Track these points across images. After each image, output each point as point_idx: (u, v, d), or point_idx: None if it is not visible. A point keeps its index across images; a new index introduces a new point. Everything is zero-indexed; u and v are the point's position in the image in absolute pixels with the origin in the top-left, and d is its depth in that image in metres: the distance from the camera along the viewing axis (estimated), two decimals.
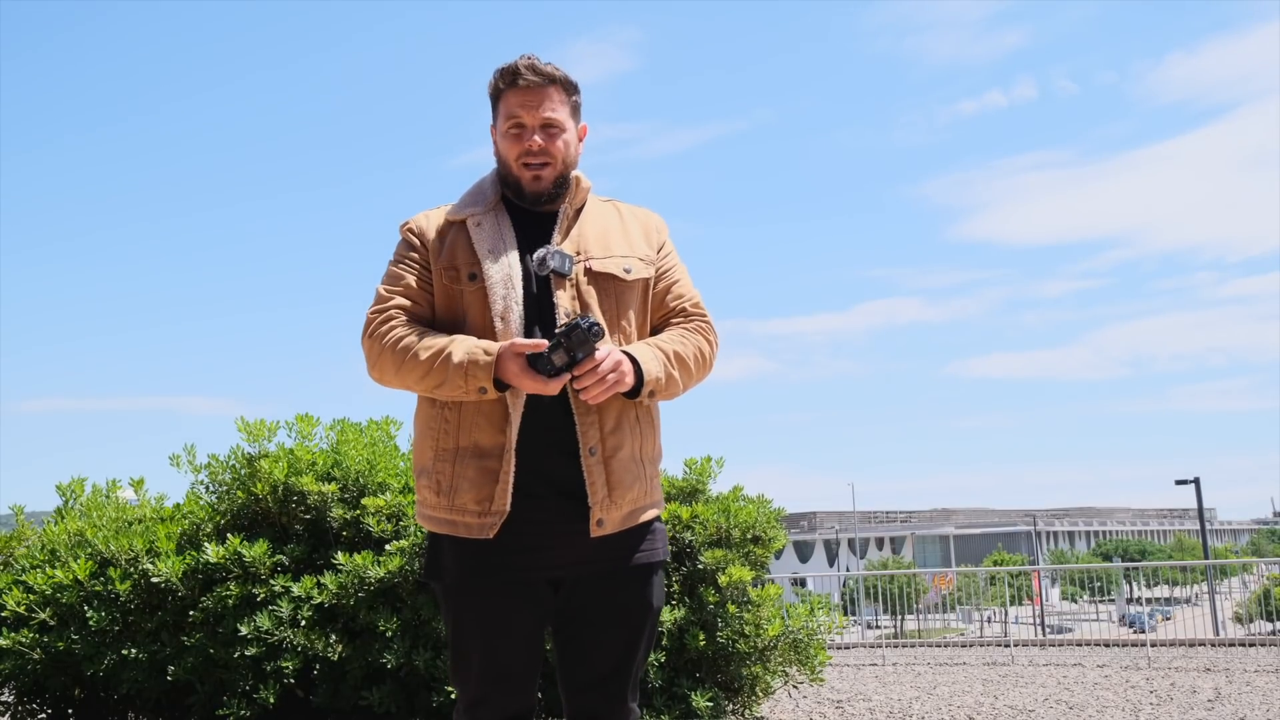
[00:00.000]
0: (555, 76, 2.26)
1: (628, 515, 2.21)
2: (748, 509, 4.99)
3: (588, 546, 2.17)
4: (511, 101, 2.25)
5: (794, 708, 6.42)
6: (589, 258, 2.24)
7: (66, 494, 5.37)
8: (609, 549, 2.20)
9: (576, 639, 2.25)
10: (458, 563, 2.20)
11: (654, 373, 2.16)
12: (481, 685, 2.21)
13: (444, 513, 2.19)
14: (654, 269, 2.33)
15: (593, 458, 2.15)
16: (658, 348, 2.22)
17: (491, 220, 2.26)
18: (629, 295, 2.27)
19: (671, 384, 2.21)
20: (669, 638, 4.57)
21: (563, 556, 2.18)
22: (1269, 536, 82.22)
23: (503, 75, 2.26)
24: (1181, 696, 7.02)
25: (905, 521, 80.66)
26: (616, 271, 2.25)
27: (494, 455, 2.15)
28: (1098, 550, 71.66)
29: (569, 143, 2.28)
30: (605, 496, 2.16)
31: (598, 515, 2.15)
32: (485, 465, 2.15)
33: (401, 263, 2.30)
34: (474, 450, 2.16)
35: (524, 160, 2.25)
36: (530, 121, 2.24)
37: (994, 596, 25.47)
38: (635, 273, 2.28)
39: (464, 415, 2.17)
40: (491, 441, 2.15)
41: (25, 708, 4.88)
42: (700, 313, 2.36)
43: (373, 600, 4.29)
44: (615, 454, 2.18)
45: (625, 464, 2.19)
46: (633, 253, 2.30)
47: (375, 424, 5.20)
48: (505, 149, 2.28)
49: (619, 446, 2.19)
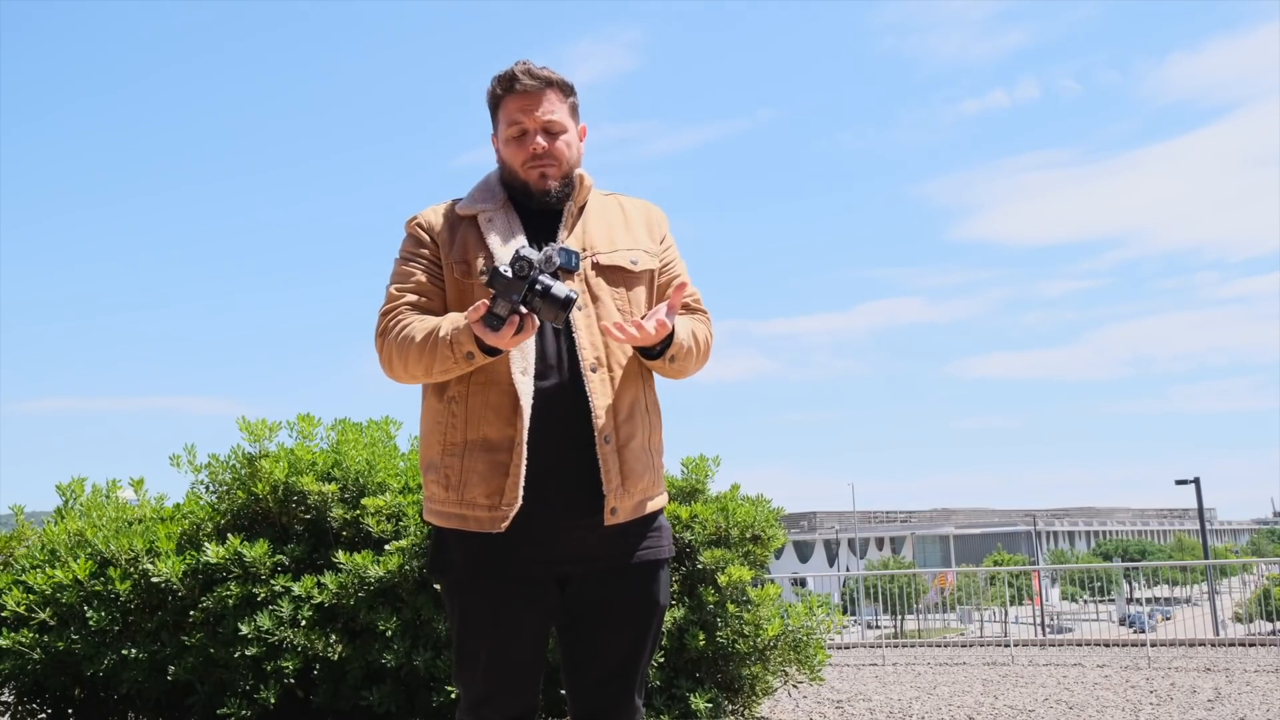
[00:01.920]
0: (552, 79, 2.28)
1: (638, 504, 2.23)
2: (746, 508, 4.99)
3: (596, 540, 2.18)
4: (511, 107, 2.27)
5: (794, 708, 6.42)
6: (596, 252, 2.27)
7: (66, 494, 5.37)
8: (617, 544, 2.21)
9: (584, 637, 2.25)
10: (464, 557, 2.20)
11: (681, 338, 2.22)
12: (487, 683, 2.21)
13: (454, 507, 2.19)
14: (658, 261, 2.37)
15: (607, 445, 2.17)
16: (684, 320, 2.29)
17: (503, 217, 2.28)
18: (637, 286, 2.30)
19: (688, 358, 2.28)
20: (669, 638, 4.57)
21: (571, 550, 2.18)
22: (1269, 536, 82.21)
23: (500, 82, 2.29)
24: (1181, 696, 7.02)
25: (905, 521, 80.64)
26: (624, 263, 2.29)
27: (503, 448, 2.15)
28: (1098, 550, 71.66)
29: (571, 143, 2.30)
30: (619, 485, 2.17)
31: (612, 504, 2.16)
32: (495, 459, 2.15)
33: (411, 260, 2.30)
34: (483, 444, 2.17)
35: (529, 164, 2.26)
36: (531, 125, 2.26)
37: (994, 596, 25.47)
38: (641, 264, 2.32)
39: (471, 409, 2.18)
40: (500, 435, 2.15)
41: (25, 708, 4.88)
42: (702, 309, 2.42)
43: (373, 600, 4.29)
44: (629, 442, 2.20)
45: (637, 453, 2.22)
46: (637, 245, 2.34)
47: (375, 424, 5.20)
48: (509, 155, 2.29)
49: (632, 435, 2.21)
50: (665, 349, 2.20)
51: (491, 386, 2.17)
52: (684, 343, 2.23)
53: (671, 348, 2.20)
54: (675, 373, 2.31)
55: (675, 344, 2.20)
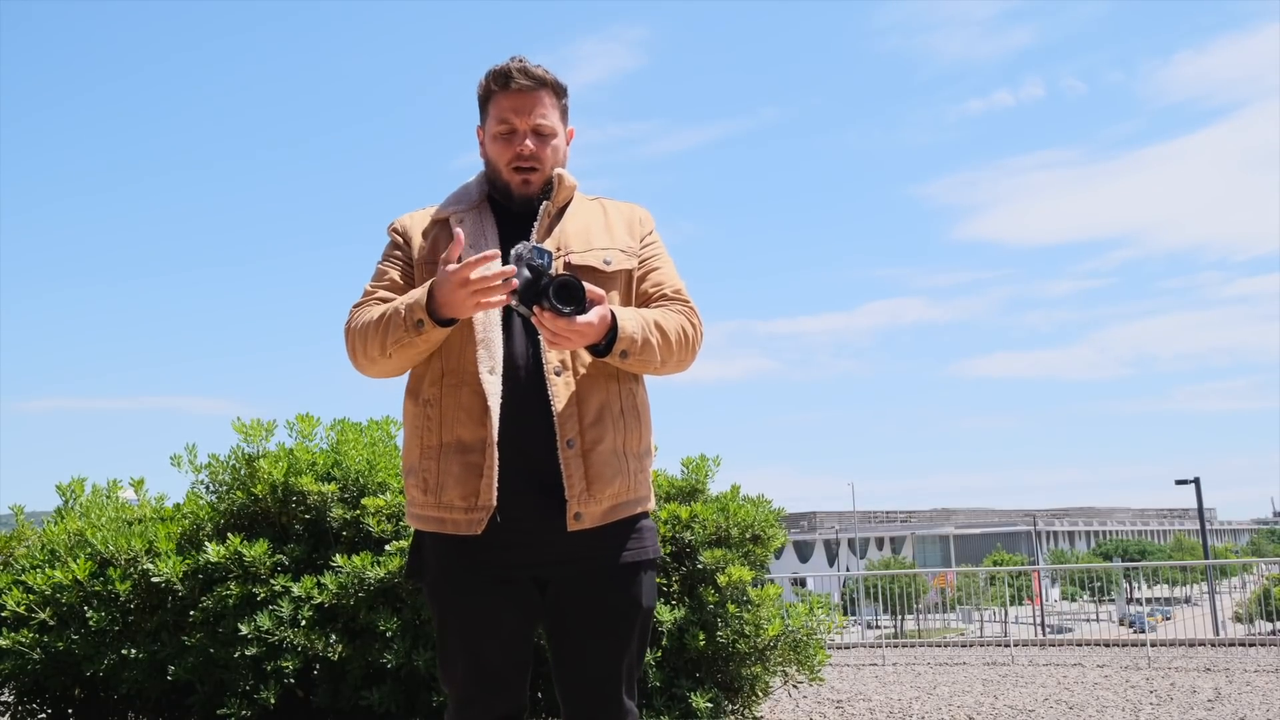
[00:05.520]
0: (546, 80, 2.26)
1: (609, 510, 2.17)
2: (746, 508, 4.99)
3: (568, 543, 2.14)
4: (503, 104, 2.25)
5: (794, 708, 6.42)
6: (569, 252, 2.23)
7: (66, 494, 5.37)
8: (592, 546, 2.16)
9: (566, 640, 2.22)
10: (438, 561, 2.19)
11: (630, 331, 2.09)
12: (468, 686, 2.20)
13: (432, 510, 2.18)
14: (636, 260, 2.31)
15: (570, 450, 2.12)
16: (639, 313, 2.17)
17: (474, 217, 2.27)
18: (610, 287, 2.23)
19: (648, 350, 2.13)
20: (668, 638, 4.57)
21: (543, 553, 2.15)
22: (1269, 536, 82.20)
23: (494, 78, 2.26)
24: (1181, 696, 7.02)
25: (905, 521, 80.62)
26: (596, 263, 2.23)
27: (476, 450, 2.13)
28: (1098, 550, 71.65)
29: (558, 148, 2.28)
30: (584, 490, 2.12)
31: (575, 509, 2.11)
32: (469, 460, 2.13)
33: (387, 260, 2.32)
34: (457, 445, 2.15)
35: (514, 165, 2.24)
36: (522, 126, 2.24)
37: (994, 596, 25.46)
38: (616, 264, 2.26)
39: (445, 410, 2.16)
40: (473, 436, 2.13)
41: (25, 708, 4.88)
42: (682, 299, 2.31)
43: (373, 600, 4.29)
44: (595, 447, 2.15)
45: (605, 457, 2.15)
46: (614, 245, 2.28)
47: (375, 424, 5.20)
48: (495, 152, 2.27)
49: (599, 439, 2.16)
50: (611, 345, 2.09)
51: (463, 387, 2.15)
52: (635, 336, 2.10)
53: (620, 343, 2.08)
54: (645, 368, 2.21)
55: (624, 339, 2.08)
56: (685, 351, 2.26)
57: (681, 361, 2.26)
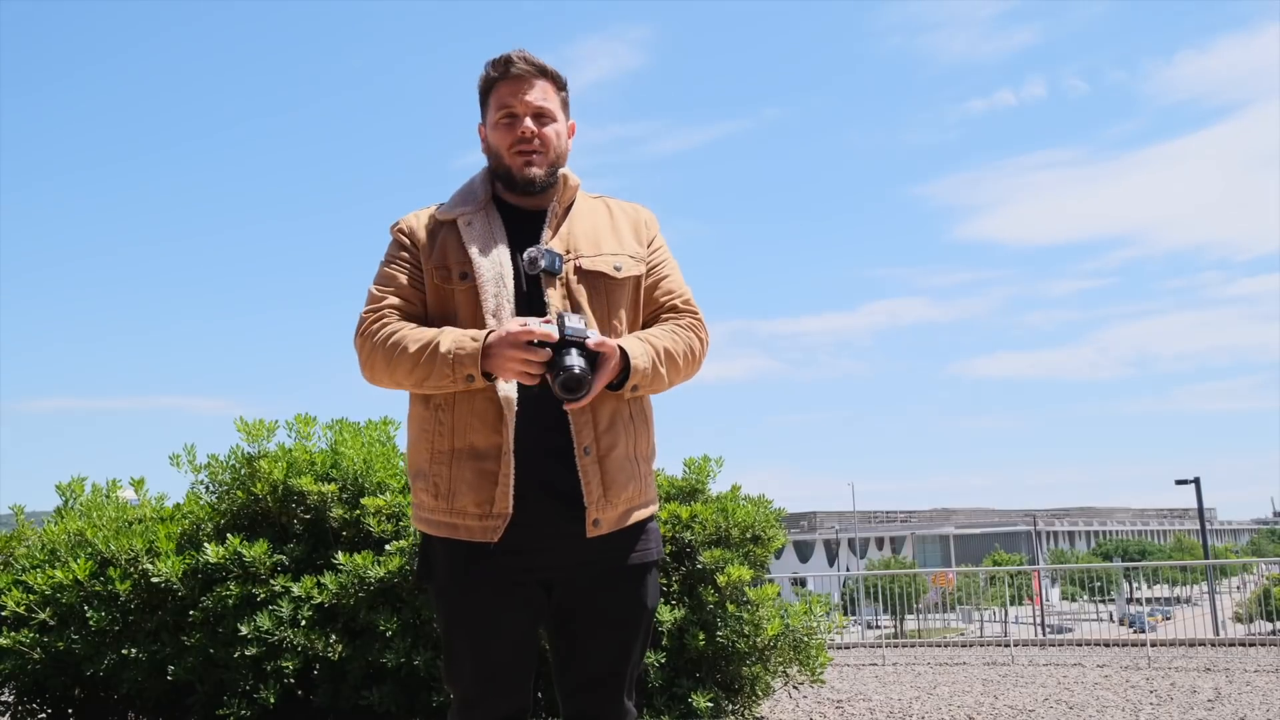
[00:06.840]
0: (545, 69, 2.27)
1: (623, 514, 2.19)
2: (746, 509, 4.99)
3: (582, 548, 2.15)
4: (503, 91, 2.25)
5: (794, 708, 6.42)
6: (579, 256, 2.23)
7: (66, 494, 5.37)
8: (603, 550, 2.18)
9: (572, 640, 2.24)
10: (449, 564, 2.19)
11: (641, 367, 2.13)
12: (474, 686, 2.21)
13: (444, 516, 2.18)
14: (644, 265, 2.31)
15: (587, 457, 2.14)
16: (649, 342, 2.19)
17: (482, 219, 2.26)
18: (619, 293, 2.25)
19: (657, 380, 2.19)
20: (669, 638, 4.57)
21: (557, 559, 2.16)
22: (1269, 536, 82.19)
23: (494, 66, 2.26)
24: (1181, 696, 7.02)
25: (905, 521, 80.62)
26: (606, 269, 2.24)
27: (491, 457, 2.13)
28: (1098, 550, 71.64)
29: (560, 133, 2.28)
30: (601, 496, 2.14)
31: (594, 515, 2.13)
32: (483, 467, 2.13)
33: (393, 263, 2.29)
34: (470, 452, 2.15)
35: (516, 148, 2.24)
36: (522, 110, 2.24)
37: (994, 596, 25.47)
38: (625, 270, 2.27)
39: (458, 416, 2.16)
40: (487, 443, 2.13)
41: (25, 708, 4.88)
42: (691, 309, 2.34)
43: (373, 600, 4.29)
44: (610, 453, 2.16)
45: (620, 463, 2.18)
46: (623, 250, 2.29)
47: (374, 424, 5.19)
48: (497, 139, 2.27)
49: (613, 445, 2.17)
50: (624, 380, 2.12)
51: (477, 394, 2.14)
52: (645, 370, 2.13)
53: (631, 379, 2.12)
54: (653, 392, 2.24)
55: (635, 374, 2.12)
56: (692, 368, 2.30)
57: (687, 377, 2.30)
